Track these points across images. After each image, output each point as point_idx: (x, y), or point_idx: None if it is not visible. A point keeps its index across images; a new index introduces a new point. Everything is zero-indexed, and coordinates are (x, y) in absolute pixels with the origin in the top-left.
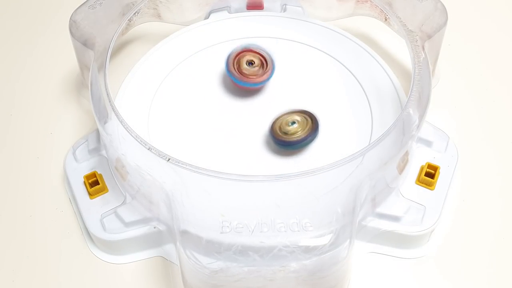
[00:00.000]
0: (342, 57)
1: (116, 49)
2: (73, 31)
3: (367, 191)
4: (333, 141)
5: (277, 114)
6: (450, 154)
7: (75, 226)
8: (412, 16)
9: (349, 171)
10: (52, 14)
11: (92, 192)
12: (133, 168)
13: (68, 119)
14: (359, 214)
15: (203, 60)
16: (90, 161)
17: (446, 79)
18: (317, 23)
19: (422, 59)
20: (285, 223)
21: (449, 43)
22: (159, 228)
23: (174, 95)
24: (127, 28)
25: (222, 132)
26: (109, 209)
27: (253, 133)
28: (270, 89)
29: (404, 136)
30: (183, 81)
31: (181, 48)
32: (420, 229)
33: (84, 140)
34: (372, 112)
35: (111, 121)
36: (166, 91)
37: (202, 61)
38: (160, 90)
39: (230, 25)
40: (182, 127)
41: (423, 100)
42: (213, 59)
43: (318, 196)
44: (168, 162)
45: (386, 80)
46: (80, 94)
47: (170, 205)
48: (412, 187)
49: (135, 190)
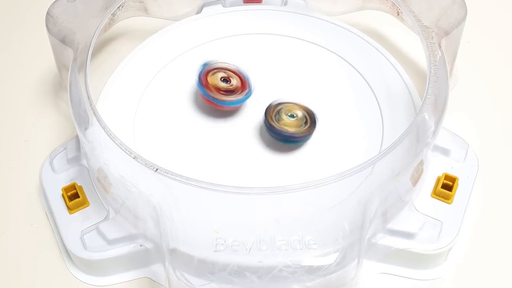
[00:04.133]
0: (350, 56)
1: (98, 46)
2: (50, 26)
3: (378, 204)
4: (340, 149)
5: (280, 100)
6: (469, 163)
7: (52, 243)
8: (427, 10)
9: (357, 182)
10: (27, 7)
11: (72, 206)
12: (117, 179)
13: (44, 124)
14: (368, 231)
15: (195, 59)
16: (69, 172)
17: (465, 80)
18: (321, 18)
19: (438, 58)
20: (286, 241)
21: (468, 40)
22: (146, 246)
23: (162, 98)
24: (110, 24)
25: (215, 139)
26: (90, 225)
27: (249, 140)
28: (269, 90)
29: (419, 143)
30: (172, 82)
31: (170, 46)
32: (437, 247)
33: (62, 148)
34: (383, 117)
35: (92, 127)
36: (154, 94)
37: (193, 60)
38: (147, 93)
39: (225, 21)
40: (172, 133)
41: (439, 103)
42: (205, 57)
43: (322, 210)
44: (155, 173)
45: (399, 82)
46: (58, 96)
47: (158, 221)
48: (427, 201)
49: (119, 203)
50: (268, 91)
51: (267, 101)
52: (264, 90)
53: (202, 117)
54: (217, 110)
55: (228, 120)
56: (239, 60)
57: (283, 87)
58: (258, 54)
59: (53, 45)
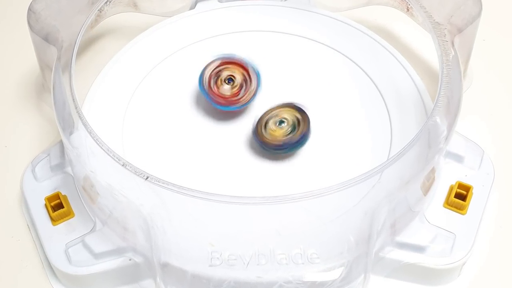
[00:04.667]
0: (355, 55)
1: (83, 45)
2: (32, 23)
3: (386, 215)
4: (345, 155)
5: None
6: (485, 171)
7: (35, 257)
8: (439, 6)
9: (363, 191)
10: (7, 2)
11: (55, 217)
12: (104, 188)
13: (26, 129)
14: (375, 244)
15: (188, 58)
16: (52, 180)
17: (480, 81)
18: (325, 14)
19: (451, 57)
20: (287, 254)
21: (483, 38)
22: (136, 260)
23: (153, 100)
24: (97, 20)
25: (210, 144)
26: (76, 237)
27: (247, 146)
28: (269, 92)
29: (430, 149)
30: (164, 84)
31: (161, 45)
32: (450, 262)
33: (45, 154)
34: (391, 120)
35: (77, 131)
36: (144, 96)
37: (186, 60)
38: (136, 95)
39: (221, 17)
40: (164, 139)
41: (452, 106)
42: (199, 57)
43: (326, 221)
44: (146, 181)
45: (408, 82)
46: (41, 99)
47: (149, 233)
48: (439, 211)
49: (106, 214)
50: (267, 93)
51: (265, 104)
52: (263, 92)
53: (196, 121)
54: (214, 113)
55: (225, 125)
56: None
57: (282, 89)
58: (256, 54)
59: (36, 43)
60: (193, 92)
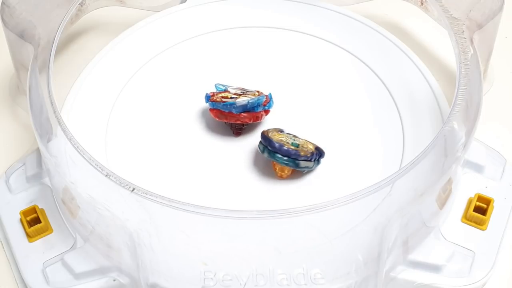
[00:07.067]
0: (364, 53)
1: (63, 42)
2: (6, 18)
3: (397, 231)
4: (352, 165)
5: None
6: (507, 182)
7: (8, 277)
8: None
9: (373, 205)
10: None
11: (32, 233)
12: (85, 201)
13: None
14: (386, 263)
15: (178, 57)
16: (28, 192)
17: (502, 82)
18: (330, 9)
19: (470, 56)
20: (288, 274)
21: (506, 35)
22: (120, 280)
23: (139, 104)
24: (78, 15)
25: (202, 153)
26: (54, 255)
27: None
28: (267, 91)
29: (447, 158)
30: (151, 86)
31: (149, 42)
32: (468, 282)
33: (20, 164)
34: (404, 126)
35: (56, 138)
36: (130, 100)
37: (176, 58)
38: (121, 98)
39: (214, 12)
40: (150, 147)
41: (471, 110)
42: (191, 56)
43: (331, 238)
44: (132, 193)
45: (422, 84)
46: (15, 102)
47: (135, 251)
48: (457, 227)
49: (88, 230)
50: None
51: None
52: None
53: (186, 128)
54: (206, 119)
55: (217, 132)
56: (232, 60)
57: (284, 91)
58: (255, 52)
59: (10, 40)
60: (183, 95)
